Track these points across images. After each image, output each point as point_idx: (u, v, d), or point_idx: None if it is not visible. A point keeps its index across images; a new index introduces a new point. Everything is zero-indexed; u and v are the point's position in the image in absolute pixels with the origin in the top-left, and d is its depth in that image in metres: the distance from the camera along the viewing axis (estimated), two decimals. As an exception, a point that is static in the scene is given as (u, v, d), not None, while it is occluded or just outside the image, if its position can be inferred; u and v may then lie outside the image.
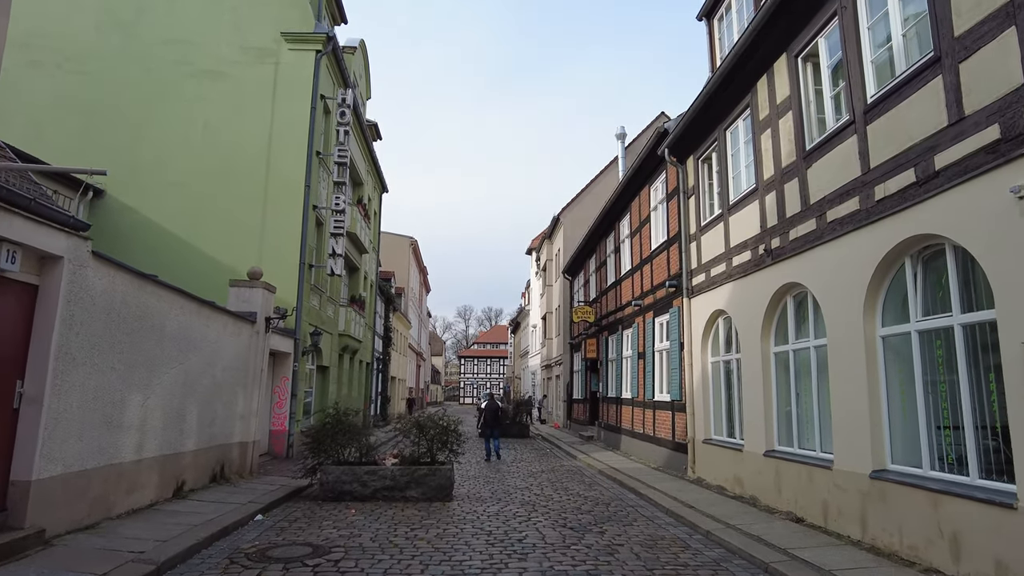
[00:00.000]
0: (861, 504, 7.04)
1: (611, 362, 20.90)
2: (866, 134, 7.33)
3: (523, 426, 26.61)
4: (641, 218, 17.12)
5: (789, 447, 9.23)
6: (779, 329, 9.75)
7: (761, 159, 10.12)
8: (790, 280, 9.07)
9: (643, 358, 16.43)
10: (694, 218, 13.11)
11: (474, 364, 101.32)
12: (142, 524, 7.36)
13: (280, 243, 16.47)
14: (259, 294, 12.58)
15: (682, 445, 13.31)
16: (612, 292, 20.61)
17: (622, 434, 18.48)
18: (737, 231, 10.98)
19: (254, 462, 12.35)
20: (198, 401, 9.99)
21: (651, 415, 15.58)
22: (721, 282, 11.51)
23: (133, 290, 7.91)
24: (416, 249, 50.19)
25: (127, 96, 17.19)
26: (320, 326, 17.96)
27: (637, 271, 17.33)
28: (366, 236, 24.12)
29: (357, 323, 22.81)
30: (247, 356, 12.13)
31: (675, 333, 13.85)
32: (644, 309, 16.50)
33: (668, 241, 14.65)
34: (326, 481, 10.29)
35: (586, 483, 12.71)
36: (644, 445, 16.02)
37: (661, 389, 15.11)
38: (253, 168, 16.87)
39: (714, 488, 11.14)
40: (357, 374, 25.36)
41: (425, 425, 10.76)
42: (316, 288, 17.76)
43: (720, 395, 11.93)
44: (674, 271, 14.14)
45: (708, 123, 12.25)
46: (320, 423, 11.16)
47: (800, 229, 8.83)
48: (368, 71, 26.13)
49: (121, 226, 16.50)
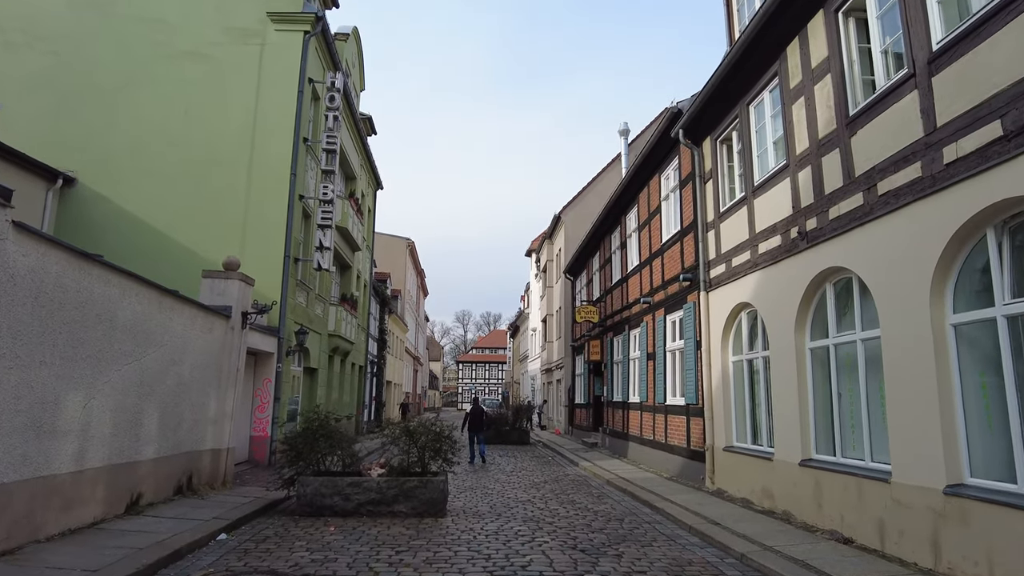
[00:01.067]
0: (932, 525, 5.90)
1: (617, 364, 19.76)
2: (930, 87, 6.23)
3: (523, 432, 25.44)
4: (650, 209, 16.02)
5: (830, 456, 8.09)
6: (816, 322, 8.63)
7: (792, 132, 9.03)
8: (831, 265, 7.96)
9: (653, 359, 15.30)
10: (712, 204, 12.01)
11: (472, 369, 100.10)
12: (74, 549, 6.20)
13: (264, 235, 15.37)
14: (235, 286, 11.45)
15: (698, 453, 12.17)
16: (618, 290, 19.50)
17: (629, 441, 17.33)
18: (764, 215, 9.88)
19: (229, 471, 11.20)
20: (159, 403, 8.85)
21: (662, 420, 14.44)
22: (745, 272, 10.40)
23: (73, 272, 6.78)
24: (413, 251, 49.09)
25: (102, 79, 16.10)
26: (307, 325, 16.82)
27: (646, 266, 16.22)
28: (359, 233, 23.02)
29: (349, 323, 21.67)
30: (220, 354, 10.99)
31: (690, 331, 12.73)
32: (654, 307, 15.38)
33: (682, 231, 13.55)
34: (303, 494, 9.13)
35: (594, 495, 11.56)
36: (655, 453, 14.87)
37: (674, 392, 13.98)
38: (236, 155, 15.78)
39: (738, 501, 9.99)
40: (349, 377, 24.20)
41: (416, 432, 9.61)
42: (303, 284, 16.63)
43: (743, 398, 10.80)
44: (688, 263, 13.03)
45: (728, 99, 11.17)
46: (300, 428, 10.01)
47: (843, 206, 7.72)
48: (362, 61, 25.06)
49: (93, 216, 15.39)
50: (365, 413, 28.52)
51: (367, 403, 29.51)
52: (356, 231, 22.34)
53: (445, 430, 9.89)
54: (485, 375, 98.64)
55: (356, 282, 24.96)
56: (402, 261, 46.03)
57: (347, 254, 22.30)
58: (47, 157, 14.72)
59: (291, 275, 15.47)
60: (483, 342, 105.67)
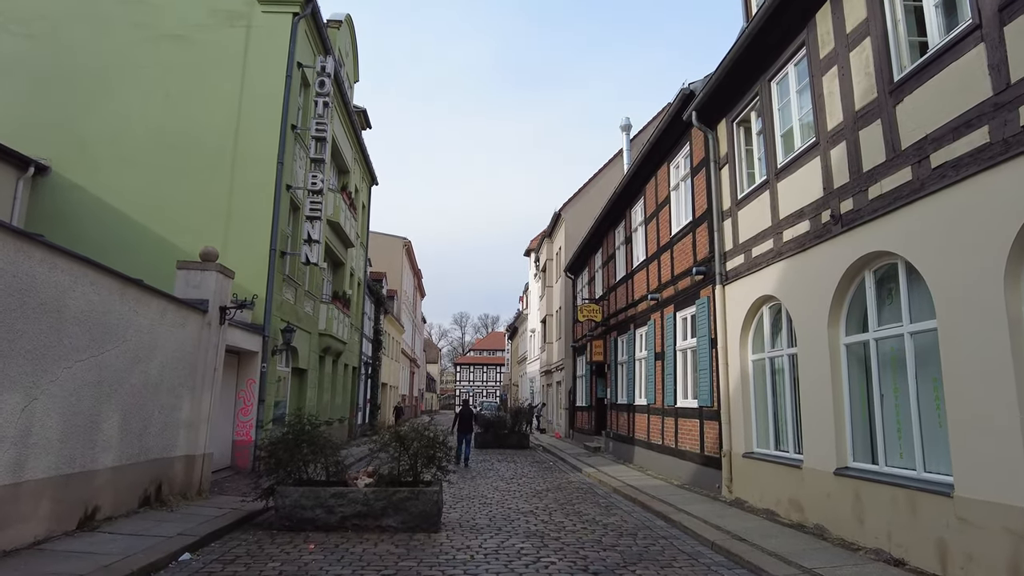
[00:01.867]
0: (1013, 550, 5.02)
1: (621, 365, 18.88)
2: (1001, 38, 5.38)
3: (522, 436, 24.54)
4: (658, 201, 15.16)
5: (870, 464, 7.22)
6: (852, 314, 7.76)
7: (823, 106, 8.17)
8: (872, 249, 7.10)
9: (661, 359, 14.43)
10: (728, 191, 11.15)
11: (470, 372, 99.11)
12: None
13: (249, 227, 14.48)
14: (212, 279, 10.55)
15: (713, 459, 11.30)
16: (622, 288, 18.63)
17: (635, 445, 16.44)
18: (789, 199, 9.02)
19: (205, 479, 10.29)
20: (121, 405, 7.95)
21: (672, 424, 13.55)
22: (767, 262, 9.53)
23: (8, 253, 5.88)
24: (410, 250, 48.19)
25: (79, 63, 15.22)
26: (295, 323, 15.92)
27: (653, 261, 15.35)
28: (352, 229, 22.11)
29: (341, 323, 20.76)
30: (195, 352, 10.10)
31: (704, 328, 11.86)
32: (662, 303, 14.51)
33: (693, 222, 12.69)
34: (282, 506, 8.23)
35: (602, 505, 10.67)
36: (664, 458, 13.98)
37: (685, 394, 13.10)
38: (220, 143, 14.90)
39: (761, 513, 9.11)
40: (342, 379, 23.28)
41: (407, 437, 8.70)
42: (291, 280, 15.74)
43: (765, 399, 9.93)
44: (702, 256, 12.16)
45: (746, 76, 10.33)
46: (281, 433, 9.12)
47: (886, 183, 6.87)
48: (356, 51, 24.21)
49: (67, 206, 14.49)
50: (359, 416, 27.60)
51: (361, 406, 28.59)
52: (349, 226, 21.44)
53: (439, 435, 9.00)
54: (483, 377, 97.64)
55: (349, 280, 24.06)
56: (399, 261, 45.13)
57: (339, 250, 21.40)
58: (19, 144, 13.84)
59: (277, 270, 14.58)
60: (481, 344, 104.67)
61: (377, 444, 9.01)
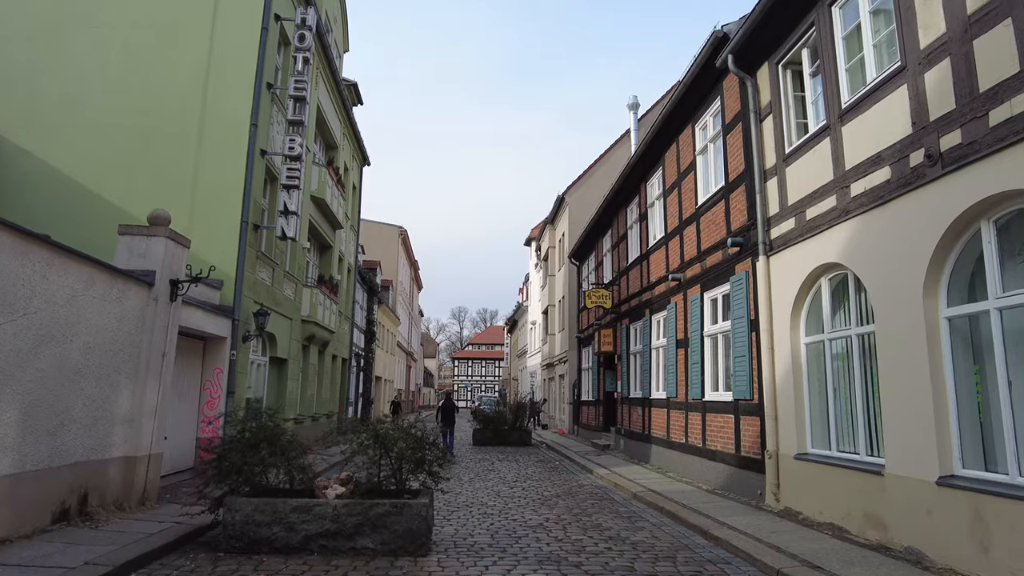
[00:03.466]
0: None
1: (634, 355, 17.21)
2: None
3: (525, 433, 22.89)
4: (681, 169, 13.46)
5: (990, 472, 5.56)
6: (956, 280, 6.09)
7: (913, 19, 6.48)
8: (991, 193, 5.43)
9: (685, 347, 12.75)
10: (773, 146, 9.46)
11: (468, 366, 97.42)
12: None
13: (217, 197, 12.78)
14: (160, 246, 8.86)
15: (752, 461, 9.65)
16: (635, 271, 16.94)
17: (652, 444, 14.77)
18: (859, 144, 7.33)
19: (151, 486, 8.60)
20: (20, 396, 6.26)
21: (699, 420, 11.88)
22: (828, 224, 7.85)
23: None
24: (406, 240, 46.44)
25: (28, 16, 13.49)
26: (272, 307, 14.23)
27: (674, 237, 13.66)
28: (340, 208, 20.39)
29: (328, 310, 19.06)
30: (138, 332, 8.41)
31: (741, 308, 10.19)
32: (686, 283, 12.82)
33: (726, 188, 11.00)
34: (231, 522, 6.55)
35: (624, 516, 9.01)
36: (688, 459, 12.32)
37: (715, 385, 11.43)
38: (186, 104, 13.20)
39: (824, 528, 7.46)
40: (330, 371, 21.60)
41: (388, 437, 7.00)
42: (267, 258, 14.03)
43: (822, 390, 8.26)
44: (737, 225, 10.49)
45: (797, 6, 8.63)
46: (235, 431, 7.45)
47: (1017, 103, 5.19)
48: (345, 18, 22.49)
49: (15, 174, 12.83)
50: (349, 411, 25.93)
51: (352, 400, 26.92)
52: (337, 205, 19.73)
53: (430, 434, 7.30)
54: (481, 372, 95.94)
55: (338, 265, 22.36)
56: (394, 250, 43.40)
57: (326, 231, 19.69)
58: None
59: (250, 245, 12.88)
60: (479, 338, 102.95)
61: (352, 448, 7.27)
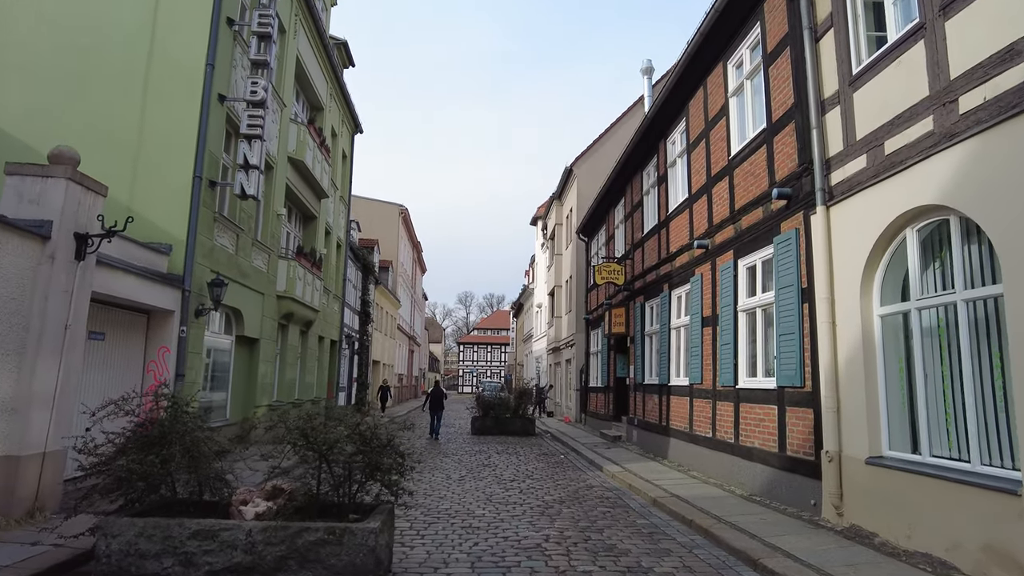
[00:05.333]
0: None
1: (649, 337, 15.32)
2: None
3: (527, 421, 21.09)
4: (709, 116, 11.48)
5: None
6: None
7: None
8: None
9: (712, 325, 10.85)
10: (834, 68, 7.47)
11: (474, 351, 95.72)
12: None
13: (166, 148, 10.97)
14: (60, 191, 7.01)
15: (803, 463, 7.78)
16: (652, 241, 15.01)
17: (671, 437, 12.91)
18: (974, 39, 5.36)
19: (47, 492, 6.82)
20: None
21: (730, 411, 10.01)
22: (923, 154, 5.89)
23: None
24: (407, 219, 44.50)
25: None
26: (235, 278, 12.42)
27: (700, 197, 11.72)
28: (325, 176, 18.51)
29: (311, 286, 17.24)
30: (23, 297, 6.60)
31: (789, 274, 8.27)
32: (715, 250, 10.90)
33: (769, 129, 9.04)
34: (107, 552, 4.76)
35: (644, 532, 7.16)
36: (716, 457, 10.45)
37: (753, 370, 9.53)
38: (131, 40, 11.34)
39: (918, 559, 5.58)
40: (316, 354, 19.82)
41: (319, 437, 5.12)
42: (229, 222, 12.18)
43: (906, 375, 6.36)
44: (784, 173, 8.54)
45: None
46: (131, 430, 5.65)
47: None
48: (332, -34, 20.46)
49: (-72, 122, 10.99)
50: (341, 397, 24.22)
51: (344, 385, 25.20)
52: (321, 171, 17.85)
53: (388, 434, 5.42)
54: (487, 357, 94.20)
55: (325, 239, 20.52)
56: (394, 230, 41.47)
57: (308, 199, 17.83)
58: None
59: (205, 205, 11.05)
60: (485, 323, 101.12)
61: (293, 447, 5.42)
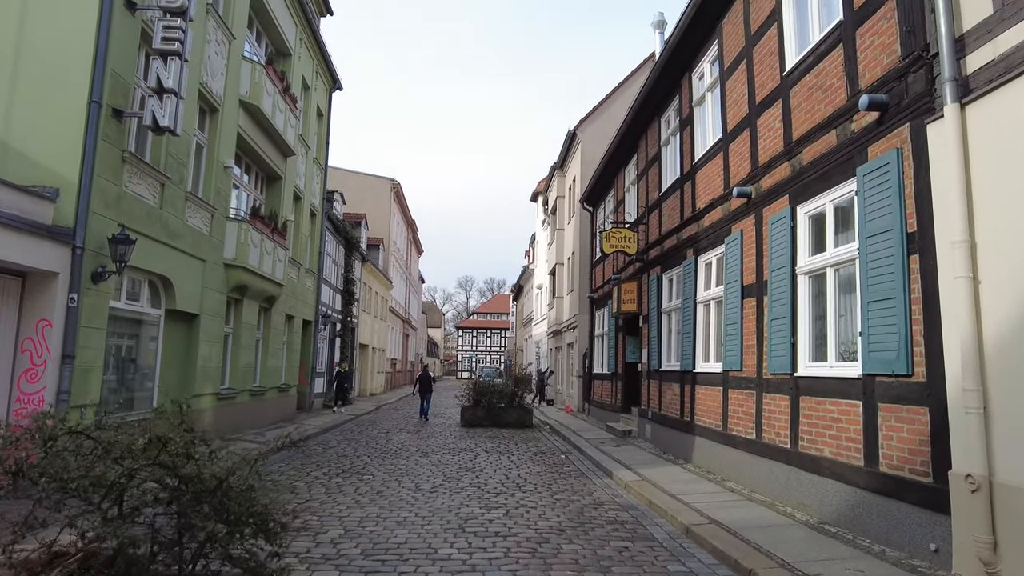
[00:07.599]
0: None
1: (667, 314, 12.92)
2: None
3: (524, 411, 18.73)
4: (751, 30, 8.97)
5: None
6: None
7: None
8: None
9: (758, 295, 8.44)
10: (975, -102, 4.99)
11: (473, 336, 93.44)
12: None
13: (53, 66, 8.51)
14: None
15: (912, 485, 5.39)
16: (672, 200, 12.55)
17: (696, 435, 10.53)
18: None
19: None
20: None
21: (784, 406, 7.61)
22: None
23: None
24: (400, 194, 41.93)
25: None
26: (157, 236, 10.01)
27: (740, 134, 9.25)
28: (292, 130, 16.03)
29: (271, 255, 14.82)
30: None
31: (885, 216, 5.82)
32: (762, 198, 8.45)
33: (850, 19, 6.55)
34: None
35: (685, 593, 4.79)
36: (763, 465, 8.07)
37: (822, 352, 7.12)
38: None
39: None
40: (283, 334, 17.45)
41: (77, 476, 2.77)
42: (147, 166, 9.74)
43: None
44: (875, 75, 6.06)
45: None
46: None
47: None
48: None
49: None
50: (318, 383, 21.88)
51: (322, 371, 22.86)
52: (285, 124, 15.37)
53: (246, 462, 3.05)
54: (487, 342, 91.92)
55: (295, 204, 18.08)
56: (385, 205, 38.97)
57: (270, 155, 15.36)
58: None
59: (107, 139, 8.61)
60: (485, 307, 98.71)
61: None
